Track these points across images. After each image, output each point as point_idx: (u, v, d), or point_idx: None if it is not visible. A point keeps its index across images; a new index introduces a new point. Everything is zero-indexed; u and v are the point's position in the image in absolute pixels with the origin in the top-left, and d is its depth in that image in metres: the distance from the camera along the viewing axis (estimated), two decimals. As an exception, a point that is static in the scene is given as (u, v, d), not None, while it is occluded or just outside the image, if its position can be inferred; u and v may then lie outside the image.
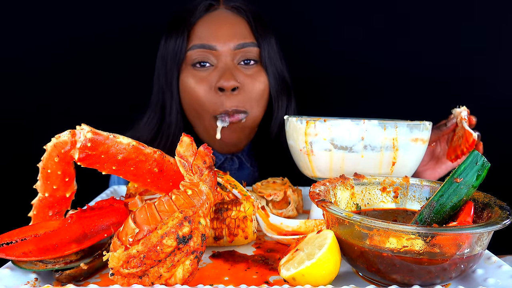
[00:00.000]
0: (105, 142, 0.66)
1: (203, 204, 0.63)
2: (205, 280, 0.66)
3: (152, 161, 0.70)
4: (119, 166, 0.69)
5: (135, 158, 0.69)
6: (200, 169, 0.66)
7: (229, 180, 0.86)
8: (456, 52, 1.52)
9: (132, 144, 0.68)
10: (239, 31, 1.07)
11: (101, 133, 0.66)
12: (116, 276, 0.59)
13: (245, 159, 1.23)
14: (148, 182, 0.72)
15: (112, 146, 0.67)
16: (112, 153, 0.67)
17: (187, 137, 0.68)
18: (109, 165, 0.68)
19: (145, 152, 0.69)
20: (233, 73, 1.05)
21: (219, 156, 1.22)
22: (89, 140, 0.66)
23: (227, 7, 1.12)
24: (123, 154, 0.68)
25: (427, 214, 0.67)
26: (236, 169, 1.23)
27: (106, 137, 0.67)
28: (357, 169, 0.82)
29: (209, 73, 1.06)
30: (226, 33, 1.06)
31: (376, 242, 0.59)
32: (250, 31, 1.09)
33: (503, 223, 0.59)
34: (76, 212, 0.69)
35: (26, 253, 0.64)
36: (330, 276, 0.61)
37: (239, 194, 0.83)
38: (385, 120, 0.83)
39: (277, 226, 0.82)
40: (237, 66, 1.07)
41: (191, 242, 0.60)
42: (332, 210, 0.62)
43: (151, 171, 0.71)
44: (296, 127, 0.86)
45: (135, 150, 0.69)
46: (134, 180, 0.72)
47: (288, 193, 0.97)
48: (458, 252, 0.58)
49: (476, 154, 0.65)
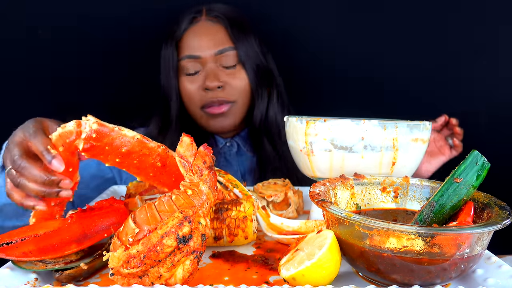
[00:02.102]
0: (110, 134, 0.67)
1: (203, 204, 0.63)
2: (205, 280, 0.66)
3: (155, 155, 0.71)
4: (122, 159, 0.69)
5: (139, 151, 0.69)
6: (200, 169, 0.66)
7: (230, 180, 0.86)
8: (457, 52, 1.52)
9: (136, 137, 0.69)
10: (218, 38, 1.29)
11: (107, 125, 0.67)
12: (116, 276, 0.59)
13: (242, 144, 1.41)
14: (151, 176, 0.73)
15: (117, 138, 0.67)
16: (116, 145, 0.68)
17: (187, 137, 0.68)
18: (113, 157, 0.69)
19: (149, 146, 0.70)
20: (216, 75, 1.27)
21: (220, 140, 1.40)
22: (94, 131, 0.66)
23: (208, 18, 1.32)
24: (127, 147, 0.68)
25: (427, 214, 0.67)
26: (235, 153, 1.40)
27: (111, 129, 0.67)
28: (357, 169, 0.82)
29: (197, 77, 1.30)
30: (208, 43, 1.28)
31: (376, 242, 0.59)
32: (228, 37, 1.30)
33: (503, 223, 0.59)
34: (76, 212, 0.69)
35: (26, 253, 0.64)
36: (330, 276, 0.61)
37: (240, 194, 0.84)
38: (385, 120, 0.83)
39: (278, 226, 0.82)
40: (220, 68, 1.29)
41: (191, 242, 0.60)
42: (332, 210, 0.62)
43: (154, 165, 0.71)
44: (296, 127, 0.86)
45: (139, 144, 0.69)
46: (137, 173, 0.73)
47: (289, 195, 0.97)
48: (458, 252, 0.58)
49: (476, 154, 0.66)
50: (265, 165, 1.36)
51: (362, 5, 1.52)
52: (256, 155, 1.39)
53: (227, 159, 1.39)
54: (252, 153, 1.41)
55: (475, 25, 1.51)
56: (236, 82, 1.30)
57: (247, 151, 1.41)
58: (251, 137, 1.41)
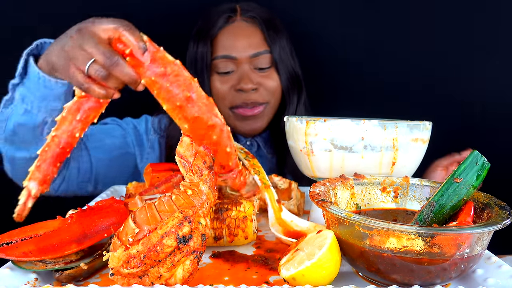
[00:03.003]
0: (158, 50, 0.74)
1: (203, 204, 0.63)
2: (205, 280, 0.66)
3: (188, 84, 0.73)
4: (157, 77, 0.72)
5: (175, 75, 0.73)
6: (200, 169, 0.66)
7: (254, 165, 0.85)
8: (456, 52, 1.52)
9: (177, 61, 0.73)
10: (254, 41, 1.29)
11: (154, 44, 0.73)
12: (116, 276, 0.59)
13: (262, 144, 1.41)
14: (177, 106, 0.74)
15: (159, 57, 0.73)
16: (156, 61, 0.73)
17: (187, 137, 0.68)
18: (150, 74, 0.73)
19: (185, 74, 0.73)
20: (251, 77, 1.27)
21: (241, 139, 1.41)
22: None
23: (243, 18, 1.32)
24: (163, 68, 0.72)
25: (427, 214, 0.67)
26: (255, 153, 1.40)
27: (157, 48, 0.74)
28: (357, 169, 0.82)
29: (230, 77, 1.29)
30: (243, 44, 1.28)
31: (376, 242, 0.59)
32: (264, 39, 1.30)
33: (503, 223, 0.59)
34: (76, 212, 0.69)
35: (26, 253, 0.64)
36: (330, 276, 0.61)
37: (259, 182, 0.84)
38: (385, 120, 0.83)
39: (287, 222, 0.82)
40: (253, 70, 1.29)
41: (191, 242, 0.60)
42: (332, 210, 0.62)
43: (183, 95, 0.74)
44: (296, 127, 0.86)
45: (178, 68, 0.73)
46: (166, 100, 0.75)
47: (293, 186, 0.97)
48: (458, 252, 0.58)
49: (476, 154, 0.66)
50: (284, 167, 1.36)
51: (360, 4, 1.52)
52: (277, 156, 1.40)
53: None
54: (271, 154, 1.41)
55: (476, 25, 1.51)
56: (269, 84, 1.30)
57: (266, 152, 1.41)
58: (273, 138, 1.41)
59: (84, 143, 1.21)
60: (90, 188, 1.24)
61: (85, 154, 1.21)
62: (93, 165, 1.21)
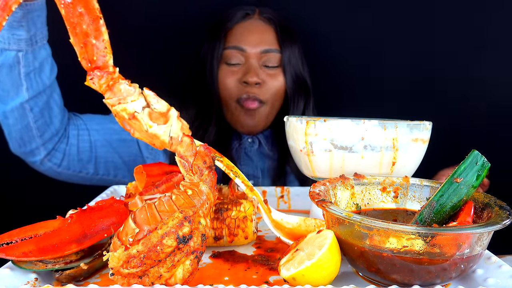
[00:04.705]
0: None
1: (203, 204, 0.63)
2: (205, 280, 0.66)
3: None
4: None
5: None
6: (200, 169, 0.66)
7: (229, 166, 0.78)
8: (457, 52, 1.52)
9: None
10: (266, 38, 1.33)
11: None
12: (116, 276, 0.59)
13: (263, 142, 1.44)
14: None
15: None
16: None
17: (187, 137, 0.68)
18: None
19: None
20: (257, 71, 1.31)
21: (244, 136, 1.44)
22: None
23: (260, 17, 1.37)
24: None
25: (427, 214, 0.67)
26: (256, 149, 1.44)
27: None
28: (357, 169, 0.82)
29: (238, 69, 1.33)
30: (255, 39, 1.32)
31: (376, 242, 0.59)
32: (276, 39, 1.34)
33: (503, 223, 0.59)
34: (76, 212, 0.69)
35: (26, 253, 0.64)
36: (330, 276, 0.61)
37: (242, 185, 0.78)
38: (385, 120, 0.83)
39: (278, 222, 0.82)
40: (261, 66, 1.33)
41: (191, 242, 0.60)
42: (332, 210, 0.62)
43: None
44: (296, 127, 0.86)
45: None
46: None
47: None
48: (458, 252, 0.58)
49: (476, 154, 0.66)
50: (285, 165, 1.39)
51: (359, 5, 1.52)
52: (278, 153, 1.43)
53: (248, 155, 1.43)
54: (273, 152, 1.44)
55: (476, 25, 1.51)
56: (273, 83, 1.33)
57: (268, 150, 1.45)
58: (275, 137, 1.45)
59: (85, 123, 1.29)
60: (91, 169, 1.30)
61: (85, 133, 1.28)
62: (92, 145, 1.28)
